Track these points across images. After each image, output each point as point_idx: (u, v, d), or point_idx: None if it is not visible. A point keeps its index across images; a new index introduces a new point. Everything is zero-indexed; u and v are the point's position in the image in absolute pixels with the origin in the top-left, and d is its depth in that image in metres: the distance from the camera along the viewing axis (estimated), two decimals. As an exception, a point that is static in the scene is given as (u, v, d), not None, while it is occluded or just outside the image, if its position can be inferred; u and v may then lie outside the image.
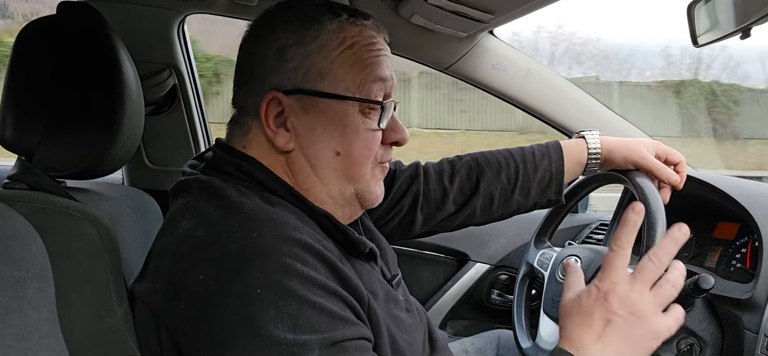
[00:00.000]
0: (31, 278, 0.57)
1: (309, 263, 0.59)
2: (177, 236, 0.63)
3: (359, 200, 0.73)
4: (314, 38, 0.68)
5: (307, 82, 0.68)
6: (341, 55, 0.68)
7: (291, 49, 0.68)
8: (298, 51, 0.67)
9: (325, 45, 0.68)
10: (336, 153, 0.69)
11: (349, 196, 0.72)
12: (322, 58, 0.68)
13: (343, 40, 0.68)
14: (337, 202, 0.72)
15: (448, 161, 1.00)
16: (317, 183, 0.70)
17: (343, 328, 0.59)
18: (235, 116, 0.73)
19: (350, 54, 0.68)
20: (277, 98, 0.67)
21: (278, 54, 0.68)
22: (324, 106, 0.68)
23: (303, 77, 0.67)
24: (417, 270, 1.56)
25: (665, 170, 0.97)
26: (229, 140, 0.73)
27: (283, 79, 0.68)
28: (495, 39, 1.36)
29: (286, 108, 0.68)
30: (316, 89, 0.68)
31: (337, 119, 0.68)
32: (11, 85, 0.74)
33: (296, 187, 0.70)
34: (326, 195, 0.71)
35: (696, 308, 0.93)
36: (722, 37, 0.94)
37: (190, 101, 1.51)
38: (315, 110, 0.68)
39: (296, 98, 0.68)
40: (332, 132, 0.68)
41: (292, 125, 0.68)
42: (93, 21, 0.76)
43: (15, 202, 0.64)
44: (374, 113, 0.70)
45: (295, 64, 0.67)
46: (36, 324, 0.56)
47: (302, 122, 0.68)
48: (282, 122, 0.68)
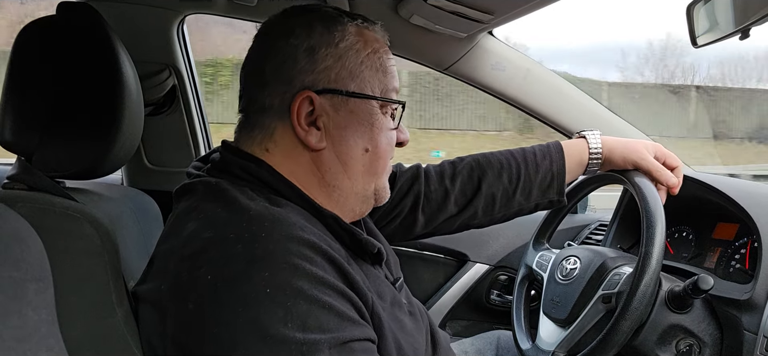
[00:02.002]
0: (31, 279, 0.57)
1: (317, 263, 0.59)
2: (183, 237, 0.63)
3: (375, 195, 0.76)
4: (341, 40, 0.70)
5: (338, 82, 0.70)
6: (368, 58, 0.71)
7: (322, 50, 0.69)
8: (330, 52, 0.69)
9: (351, 47, 0.70)
10: (365, 150, 0.72)
11: (370, 192, 0.75)
12: (351, 60, 0.70)
13: (366, 44, 0.72)
14: (359, 199, 0.75)
15: (449, 163, 1.01)
16: (345, 180, 0.72)
17: (351, 328, 0.59)
18: (252, 117, 0.72)
19: (376, 58, 0.72)
20: (309, 97, 0.68)
21: (308, 54, 0.69)
22: (353, 105, 0.71)
23: (335, 78, 0.70)
24: (416, 271, 1.56)
25: (664, 172, 0.97)
26: (245, 143, 0.72)
27: (314, 78, 0.69)
28: (494, 39, 1.36)
29: (318, 107, 0.69)
30: (347, 89, 0.70)
31: (366, 118, 0.71)
32: (11, 85, 0.74)
33: (321, 185, 0.72)
34: (351, 192, 0.73)
35: (695, 308, 0.93)
36: (721, 37, 0.94)
37: (190, 101, 1.51)
38: (345, 109, 0.70)
39: (328, 98, 0.70)
40: (362, 130, 0.71)
41: (324, 124, 0.70)
42: (93, 21, 0.76)
43: (14, 202, 0.64)
44: (391, 113, 0.75)
45: (327, 65, 0.69)
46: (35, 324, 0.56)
47: (333, 120, 0.70)
48: (312, 121, 0.70)
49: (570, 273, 1.06)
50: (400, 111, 0.76)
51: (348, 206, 0.74)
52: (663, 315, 0.92)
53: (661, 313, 0.92)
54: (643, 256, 0.86)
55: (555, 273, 1.10)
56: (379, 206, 0.79)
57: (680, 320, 0.92)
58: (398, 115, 0.76)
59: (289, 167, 0.70)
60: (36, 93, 0.73)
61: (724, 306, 0.93)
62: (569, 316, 1.02)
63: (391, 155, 0.77)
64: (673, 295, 0.92)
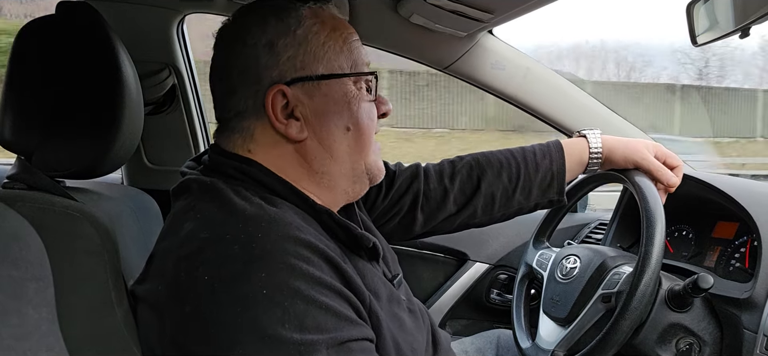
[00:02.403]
0: (31, 278, 0.57)
1: (314, 263, 0.59)
2: (180, 237, 0.63)
3: (368, 173, 0.76)
4: (297, 27, 0.69)
5: (305, 69, 0.69)
6: (329, 37, 0.70)
7: (280, 41, 0.68)
8: (288, 41, 0.69)
9: (309, 30, 0.70)
10: (346, 129, 0.72)
11: (361, 171, 0.75)
12: (313, 44, 0.69)
13: (324, 24, 0.71)
14: (349, 179, 0.74)
15: (449, 162, 1.00)
16: (333, 164, 0.72)
17: (349, 328, 0.59)
18: (229, 122, 0.71)
19: (338, 37, 0.71)
20: (281, 90, 0.68)
21: (268, 49, 0.68)
22: (326, 88, 0.70)
23: (300, 65, 0.69)
24: (416, 270, 1.56)
25: (665, 172, 0.97)
26: (227, 146, 0.72)
27: (280, 71, 0.68)
28: (494, 38, 1.36)
29: (291, 98, 0.69)
30: (316, 74, 0.69)
31: (341, 98, 0.71)
32: (11, 84, 0.74)
33: (310, 175, 0.71)
34: (340, 174, 0.73)
35: (695, 307, 0.93)
36: (721, 36, 0.94)
37: (190, 100, 1.51)
38: (319, 93, 0.70)
39: (299, 87, 0.69)
40: (339, 110, 0.71)
41: (301, 114, 0.70)
42: (92, 21, 0.76)
43: (14, 202, 0.64)
44: (365, 86, 0.73)
45: (290, 54, 0.69)
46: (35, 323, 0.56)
47: (309, 107, 0.70)
48: (289, 112, 0.69)
49: (570, 272, 1.06)
50: (374, 82, 0.74)
51: (340, 189, 0.74)
52: (663, 314, 0.92)
53: (661, 312, 0.92)
54: (643, 255, 0.86)
55: (555, 271, 1.10)
56: (378, 199, 0.79)
57: (680, 319, 0.92)
58: (373, 86, 0.74)
59: (276, 163, 0.70)
60: (36, 92, 0.73)
61: (723, 304, 0.94)
62: (569, 315, 1.02)
63: (375, 129, 0.75)
64: (673, 294, 0.92)
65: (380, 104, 0.76)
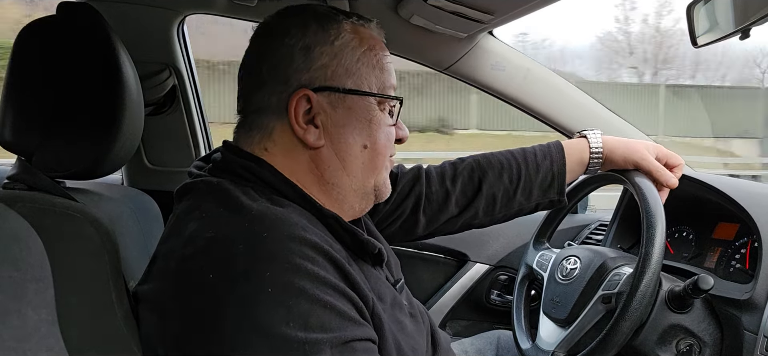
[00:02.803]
0: (31, 279, 0.57)
1: (319, 263, 0.59)
2: (184, 237, 0.63)
3: (376, 192, 0.76)
4: (336, 38, 0.70)
5: (334, 79, 0.70)
6: (365, 55, 0.71)
7: (317, 48, 0.69)
8: (325, 50, 0.69)
9: (347, 44, 0.70)
10: (363, 147, 0.72)
11: (369, 189, 0.75)
12: (347, 58, 0.70)
13: (362, 42, 0.72)
14: (358, 195, 0.75)
15: (450, 164, 1.01)
16: (344, 177, 0.72)
17: (352, 328, 0.59)
18: (250, 118, 0.72)
19: (372, 56, 0.72)
20: (307, 95, 0.69)
21: (304, 53, 0.69)
22: (351, 103, 0.71)
23: (331, 75, 0.70)
24: (416, 271, 1.56)
25: (665, 173, 0.97)
26: (244, 143, 0.72)
27: (311, 77, 0.69)
28: (494, 39, 1.36)
29: (315, 105, 0.69)
30: (344, 87, 0.70)
31: (363, 115, 0.72)
32: (11, 85, 0.74)
33: (320, 184, 0.72)
34: (350, 189, 0.73)
35: (695, 308, 0.93)
36: (721, 37, 0.94)
37: (190, 101, 1.51)
38: (343, 106, 0.70)
39: (325, 96, 0.70)
40: (360, 127, 0.71)
41: (322, 122, 0.70)
42: (93, 21, 0.76)
43: (14, 203, 0.64)
44: (389, 110, 0.74)
45: (323, 63, 0.69)
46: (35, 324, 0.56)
47: (331, 118, 0.70)
48: (310, 119, 0.70)
49: (570, 273, 1.06)
50: (397, 107, 0.76)
51: (347, 204, 0.74)
52: (663, 315, 0.92)
53: (662, 313, 0.92)
54: (643, 256, 0.86)
55: (555, 272, 1.10)
56: (381, 203, 0.79)
57: (680, 320, 0.92)
58: (396, 111, 0.76)
59: (289, 165, 0.70)
60: (36, 93, 0.73)
61: (724, 305, 0.93)
62: (569, 316, 1.02)
63: (391, 151, 0.77)
64: (673, 295, 0.92)
65: (398, 130, 0.77)
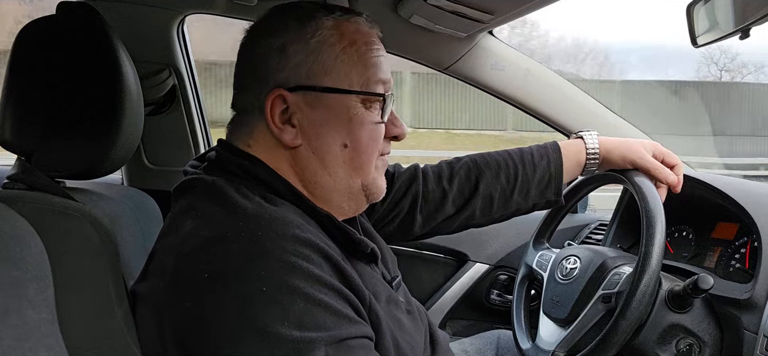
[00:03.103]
0: (31, 278, 0.57)
1: (314, 262, 0.59)
2: (181, 235, 0.63)
3: (365, 192, 0.75)
4: (313, 35, 0.69)
5: (310, 78, 0.69)
6: (344, 51, 0.70)
7: (292, 46, 0.69)
8: (300, 48, 0.69)
9: (325, 41, 0.69)
10: (343, 145, 0.71)
11: (357, 189, 0.74)
12: (324, 55, 0.69)
13: (342, 37, 0.70)
14: (344, 195, 0.73)
15: (447, 163, 1.01)
16: (325, 177, 0.71)
17: (347, 326, 0.59)
18: (237, 116, 0.73)
19: (353, 51, 0.70)
20: (282, 95, 0.68)
21: (280, 52, 0.69)
22: (329, 101, 0.69)
23: (307, 74, 0.69)
24: (416, 270, 1.56)
25: (663, 170, 0.97)
26: (232, 140, 0.73)
27: (286, 76, 0.69)
28: (494, 39, 1.36)
29: (291, 105, 0.69)
30: (321, 85, 0.69)
31: (342, 113, 0.70)
32: (11, 85, 0.74)
33: (303, 183, 0.71)
34: (333, 189, 0.72)
35: (695, 308, 0.93)
36: (721, 37, 0.94)
37: (190, 101, 1.51)
38: (320, 105, 0.69)
39: (301, 95, 0.69)
40: (339, 126, 0.70)
41: (298, 122, 0.69)
42: (93, 21, 0.76)
43: (14, 202, 0.64)
44: (376, 106, 0.72)
45: (298, 61, 0.69)
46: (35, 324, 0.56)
47: (308, 117, 0.69)
48: (287, 119, 0.69)
49: (570, 273, 1.06)
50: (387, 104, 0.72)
51: (334, 203, 0.73)
52: (663, 314, 0.92)
53: (661, 313, 0.92)
54: (643, 255, 0.86)
55: (555, 272, 1.10)
56: (377, 202, 0.79)
57: (680, 319, 0.92)
58: (388, 107, 0.73)
59: (273, 164, 0.71)
60: (36, 93, 0.73)
61: (724, 305, 0.94)
62: (569, 316, 1.02)
63: (380, 149, 0.74)
64: (673, 295, 0.92)
65: (392, 126, 0.75)
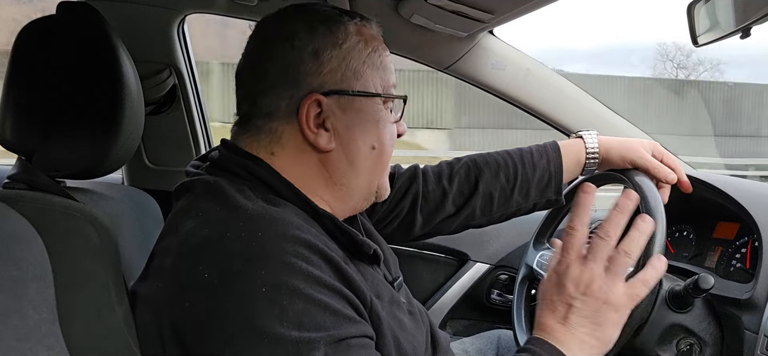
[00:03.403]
0: (31, 278, 0.57)
1: (313, 263, 0.59)
2: (181, 235, 0.63)
3: (377, 192, 0.77)
4: (344, 40, 0.70)
5: (343, 83, 0.70)
6: (370, 57, 0.72)
7: (327, 51, 0.69)
8: (334, 53, 0.69)
9: (354, 47, 0.70)
10: (372, 147, 0.73)
11: (374, 189, 0.76)
12: (354, 60, 0.70)
13: (367, 43, 0.72)
14: (363, 196, 0.75)
15: (447, 163, 1.01)
16: (353, 178, 0.73)
17: (347, 326, 0.59)
18: (260, 122, 0.71)
19: (376, 56, 0.72)
20: (318, 99, 0.68)
21: (313, 57, 0.69)
22: (359, 104, 0.71)
23: (340, 78, 0.70)
24: (417, 270, 1.56)
25: (662, 169, 0.98)
26: (248, 145, 0.71)
27: (322, 81, 0.69)
28: (495, 39, 1.36)
29: (325, 109, 0.69)
30: (353, 89, 0.70)
31: (372, 116, 0.72)
32: (11, 85, 0.74)
33: (329, 185, 0.72)
34: (357, 189, 0.74)
35: (696, 308, 0.93)
36: (722, 37, 0.93)
37: (190, 100, 1.51)
38: (351, 108, 0.70)
39: (334, 99, 0.70)
40: (368, 128, 0.72)
41: (332, 125, 0.70)
42: (93, 21, 0.76)
43: (15, 202, 0.64)
44: (391, 108, 0.75)
45: (333, 67, 0.69)
46: (36, 324, 0.56)
47: (341, 121, 0.70)
48: (320, 122, 0.70)
49: (570, 273, 1.06)
50: (402, 106, 0.76)
51: (351, 203, 0.75)
52: (663, 314, 0.92)
53: (662, 313, 0.92)
54: (644, 255, 0.86)
55: (555, 272, 1.10)
56: (379, 202, 0.79)
57: (681, 319, 0.92)
58: (399, 109, 0.76)
59: (297, 168, 0.70)
60: (36, 93, 0.73)
61: (724, 305, 0.93)
62: (569, 315, 1.02)
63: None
64: (673, 294, 0.92)
65: (399, 127, 0.78)
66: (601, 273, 0.68)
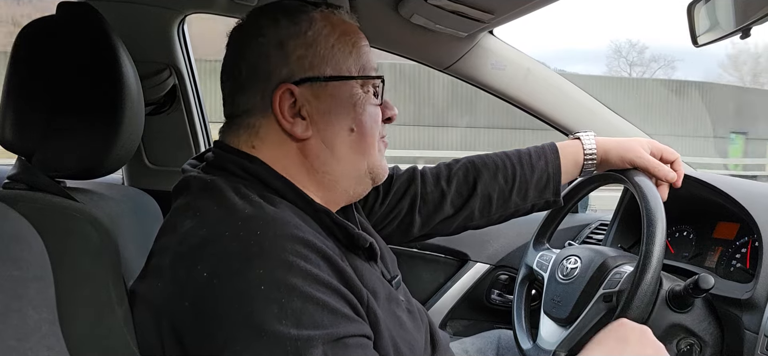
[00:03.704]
0: (31, 278, 0.57)
1: (311, 261, 0.59)
2: (179, 235, 0.63)
3: (371, 175, 0.77)
4: (309, 28, 0.71)
5: (313, 69, 0.70)
6: (339, 41, 0.72)
7: (291, 41, 0.70)
8: (299, 42, 0.70)
9: (320, 33, 0.71)
10: (350, 130, 0.73)
11: (363, 172, 0.76)
12: (321, 46, 0.71)
13: (334, 27, 0.72)
14: (351, 180, 0.75)
15: (445, 165, 1.01)
16: (334, 164, 0.73)
17: (346, 324, 0.60)
18: (237, 118, 0.73)
19: (346, 40, 0.72)
20: (289, 89, 0.69)
21: (279, 48, 0.70)
22: (332, 89, 0.71)
23: (309, 66, 0.70)
24: (417, 270, 1.56)
25: (662, 168, 0.98)
26: (230, 142, 0.73)
27: (290, 71, 0.70)
28: (495, 39, 1.36)
29: (299, 98, 0.70)
30: (324, 75, 0.70)
31: (347, 99, 0.72)
32: (11, 85, 0.74)
33: (311, 173, 0.73)
34: (342, 174, 0.74)
35: (696, 308, 0.93)
36: (722, 37, 0.93)
37: (190, 100, 1.51)
38: (325, 93, 0.71)
39: (307, 87, 0.70)
40: (344, 112, 0.72)
41: (307, 113, 0.71)
42: (93, 21, 0.76)
43: (15, 202, 0.64)
44: (372, 90, 0.75)
45: (300, 55, 0.70)
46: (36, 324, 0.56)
47: (315, 107, 0.71)
48: (296, 112, 0.70)
49: (571, 273, 1.06)
50: (381, 87, 0.76)
51: (340, 188, 0.75)
52: (664, 314, 0.92)
53: (662, 312, 0.92)
54: (644, 255, 0.86)
55: (556, 272, 1.10)
56: (377, 204, 0.79)
57: (681, 319, 0.92)
58: (380, 90, 0.76)
59: (279, 161, 0.71)
60: (36, 93, 0.73)
61: (724, 305, 0.94)
62: (570, 315, 1.02)
63: (380, 132, 0.77)
64: (673, 294, 0.92)
65: (386, 109, 0.77)
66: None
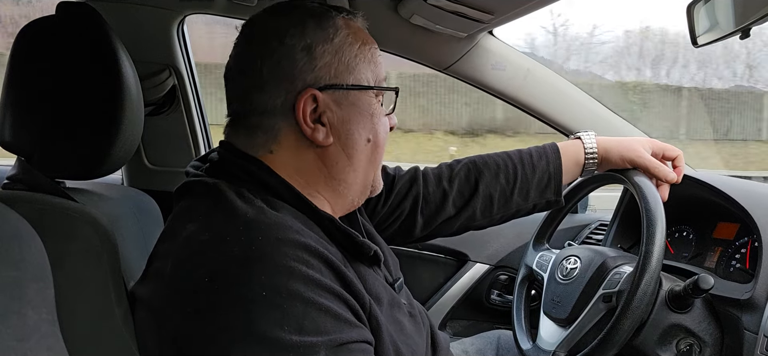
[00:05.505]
0: (31, 278, 0.57)
1: (313, 266, 0.59)
2: (181, 239, 0.63)
3: (372, 185, 0.77)
4: (335, 34, 0.70)
5: (337, 77, 0.70)
6: (360, 50, 0.72)
7: (319, 46, 0.69)
8: (327, 48, 0.69)
9: (345, 41, 0.71)
10: (367, 140, 0.73)
11: (369, 183, 0.76)
12: (346, 54, 0.70)
13: (356, 37, 0.72)
14: (359, 190, 0.76)
15: (447, 165, 1.01)
16: (351, 172, 0.73)
17: (347, 330, 0.59)
18: (255, 120, 0.70)
19: (366, 50, 0.72)
20: (313, 94, 0.68)
21: (306, 52, 0.68)
22: (354, 98, 0.71)
23: (334, 73, 0.70)
24: (416, 271, 1.56)
25: (662, 168, 0.98)
26: (245, 145, 0.70)
27: (315, 76, 0.69)
28: (495, 39, 1.36)
29: (321, 104, 0.69)
30: (347, 83, 0.70)
31: (366, 109, 0.72)
32: (11, 85, 0.74)
33: (328, 181, 0.72)
34: (355, 183, 0.74)
35: (695, 308, 0.93)
36: (722, 37, 0.94)
37: (190, 101, 1.51)
38: (346, 102, 0.71)
39: (330, 93, 0.70)
40: (363, 121, 0.72)
41: (328, 120, 0.70)
42: (93, 21, 0.76)
43: (14, 203, 0.64)
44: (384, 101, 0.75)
45: (327, 61, 0.69)
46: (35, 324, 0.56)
47: (337, 115, 0.70)
48: (317, 117, 0.70)
49: (570, 273, 1.06)
50: (394, 98, 0.77)
51: (349, 198, 0.75)
52: (663, 314, 0.92)
53: (662, 313, 0.92)
54: (644, 255, 0.86)
55: (555, 272, 1.10)
56: (379, 205, 0.79)
57: (681, 319, 0.92)
58: (391, 101, 0.77)
59: (296, 165, 0.70)
60: (36, 93, 0.73)
61: (724, 305, 0.93)
62: (570, 316, 1.02)
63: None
64: (673, 295, 0.92)
65: (390, 119, 0.78)
66: None
